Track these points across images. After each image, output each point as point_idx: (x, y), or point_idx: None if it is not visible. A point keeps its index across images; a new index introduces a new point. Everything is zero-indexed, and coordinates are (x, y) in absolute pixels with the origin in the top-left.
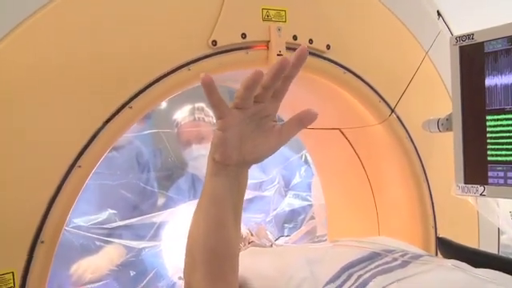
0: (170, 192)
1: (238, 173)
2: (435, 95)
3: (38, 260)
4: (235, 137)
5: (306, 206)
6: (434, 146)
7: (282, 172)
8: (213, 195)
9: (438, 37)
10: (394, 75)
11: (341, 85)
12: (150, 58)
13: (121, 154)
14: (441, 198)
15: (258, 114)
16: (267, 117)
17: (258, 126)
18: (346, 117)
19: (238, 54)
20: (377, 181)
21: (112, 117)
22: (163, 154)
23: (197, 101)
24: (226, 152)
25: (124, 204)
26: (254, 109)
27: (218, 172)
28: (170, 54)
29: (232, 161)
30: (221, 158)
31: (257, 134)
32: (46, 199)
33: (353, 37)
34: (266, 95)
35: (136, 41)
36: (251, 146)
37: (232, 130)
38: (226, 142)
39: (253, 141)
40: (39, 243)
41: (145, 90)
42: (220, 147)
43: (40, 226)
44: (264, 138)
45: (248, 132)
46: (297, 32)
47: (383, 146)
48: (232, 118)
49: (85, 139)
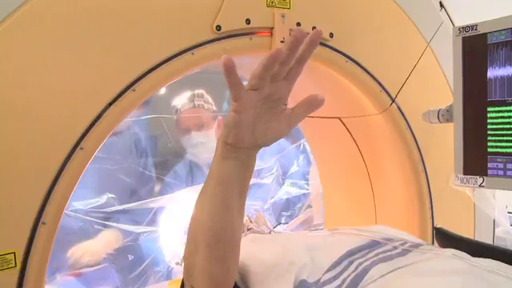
0: (168, 177)
1: (248, 156)
2: (436, 86)
3: (40, 241)
4: (249, 119)
5: (303, 194)
6: (433, 137)
7: (279, 160)
8: (221, 177)
9: (440, 28)
10: (396, 65)
11: (342, 73)
12: (154, 42)
13: (119, 138)
14: (439, 188)
15: (271, 97)
16: (279, 100)
17: (270, 108)
18: (346, 106)
19: (241, 39)
20: (375, 171)
21: (115, 99)
22: (161, 140)
23: (196, 87)
24: (239, 134)
25: (122, 188)
26: (269, 90)
27: (228, 155)
28: (174, 38)
29: (244, 143)
30: (234, 140)
31: (269, 117)
32: (48, 181)
33: (356, 26)
34: (281, 72)
35: (141, 24)
36: (263, 128)
37: (247, 113)
38: (241, 124)
39: (265, 123)
40: (41, 224)
41: (148, 74)
42: (234, 129)
43: (42, 208)
44: (276, 121)
45: (261, 114)
46: (300, 19)
47: (383, 136)
48: (248, 100)
49: (88, 121)
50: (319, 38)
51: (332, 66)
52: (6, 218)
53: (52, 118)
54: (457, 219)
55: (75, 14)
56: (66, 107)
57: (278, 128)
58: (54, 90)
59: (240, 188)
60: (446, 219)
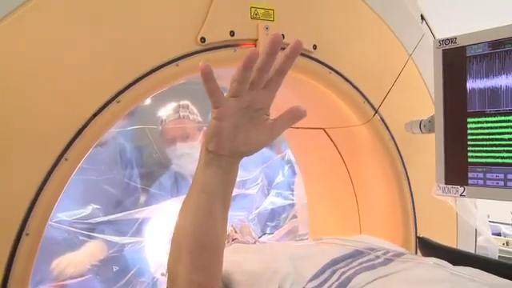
0: (153, 188)
1: (230, 164)
2: (418, 97)
3: (23, 252)
4: (230, 127)
5: (288, 204)
6: (415, 147)
7: (264, 171)
8: (204, 184)
9: (421, 40)
10: (379, 76)
11: (326, 85)
12: (138, 53)
13: (104, 149)
14: (421, 198)
15: (252, 106)
16: (261, 110)
17: (251, 118)
18: (330, 117)
19: (226, 51)
20: (359, 181)
21: (100, 110)
22: (146, 151)
23: (182, 98)
24: (220, 142)
25: (107, 199)
26: (249, 98)
27: (210, 162)
28: (158, 50)
29: (225, 151)
30: (215, 147)
31: (250, 126)
32: (32, 191)
33: (339, 38)
34: (260, 80)
35: (125, 35)
36: (244, 137)
37: (227, 120)
38: (221, 131)
39: (246, 132)
40: (24, 235)
41: (133, 85)
42: (215, 137)
43: (25, 218)
44: (257, 130)
45: (242, 123)
46: (284, 31)
47: (366, 147)
48: (228, 107)
49: (72, 132)
50: (300, 48)
51: (316, 78)
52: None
53: (37, 129)
54: (440, 228)
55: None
56: (50, 118)
57: (259, 138)
58: (39, 100)
59: (223, 195)
60: (429, 228)
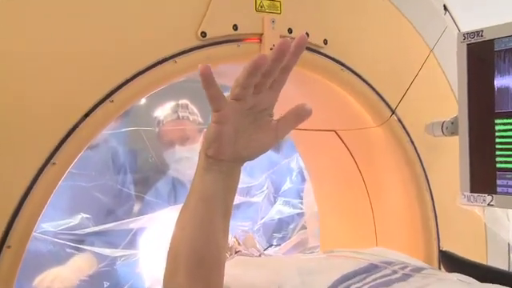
0: (148, 196)
1: (231, 169)
2: (440, 96)
3: (4, 267)
4: (231, 131)
5: (296, 214)
6: (437, 151)
7: (271, 177)
8: (202, 192)
9: (444, 33)
10: (396, 74)
11: (338, 83)
12: (133, 49)
13: (95, 153)
14: (445, 207)
15: (255, 108)
16: (264, 111)
17: (254, 120)
18: (342, 118)
19: (228, 46)
20: (375, 188)
21: (91, 110)
22: (141, 155)
23: (180, 97)
24: (220, 147)
25: (98, 208)
26: (252, 101)
27: (209, 168)
28: (155, 45)
29: (226, 156)
30: (215, 152)
31: (253, 129)
32: (15, 199)
33: (352, 31)
34: (264, 84)
35: (119, 30)
36: (247, 140)
37: (229, 124)
38: (222, 135)
39: (249, 136)
40: (5, 248)
41: (127, 83)
42: (215, 141)
43: (7, 230)
44: (260, 133)
45: (244, 126)
46: (292, 25)
47: (382, 150)
48: (229, 110)
49: (61, 134)
50: (304, 44)
51: (326, 75)
52: None
53: (22, 130)
54: (466, 242)
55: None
56: (36, 118)
57: (262, 140)
58: (24, 99)
59: (224, 203)
60: (454, 241)
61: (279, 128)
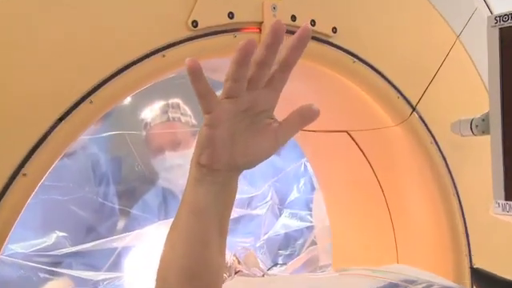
0: (135, 210)
1: (227, 180)
2: (468, 89)
3: None
4: (226, 135)
5: (305, 228)
6: (465, 153)
7: (275, 186)
8: (195, 206)
9: (472, 16)
10: (417, 65)
11: (349, 76)
12: (115, 42)
13: (73, 161)
14: (476, 218)
15: (252, 109)
16: (263, 112)
17: (252, 123)
18: (355, 117)
19: (223, 37)
20: (394, 196)
21: (68, 113)
22: (126, 163)
23: (171, 96)
24: (214, 153)
25: (76, 225)
26: (248, 99)
27: (202, 178)
28: (140, 38)
29: (221, 164)
30: (208, 160)
31: (251, 133)
32: None
33: (364, 17)
34: (260, 78)
35: (98, 20)
36: (244, 146)
37: (222, 127)
38: (215, 141)
39: (246, 141)
40: None
41: (109, 81)
42: (207, 147)
43: None
44: (259, 137)
45: (241, 130)
46: (296, 11)
47: (402, 153)
48: (222, 111)
49: (32, 141)
50: (308, 36)
51: (336, 68)
52: None
53: None
54: (501, 257)
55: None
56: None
57: (262, 146)
58: None
59: (219, 218)
60: (487, 257)
61: (280, 132)
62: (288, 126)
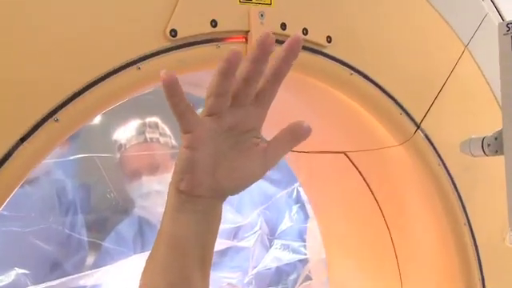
0: (107, 242)
1: (210, 207)
2: (478, 105)
3: None
4: (207, 157)
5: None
6: (477, 176)
7: (264, 214)
8: (173, 238)
9: (482, 23)
10: (421, 77)
11: (346, 91)
12: (84, 53)
13: (35, 188)
14: (490, 249)
15: (237, 127)
16: (249, 131)
17: (237, 143)
18: (353, 136)
19: (205, 48)
20: (398, 224)
21: (30, 133)
22: (96, 189)
23: (148, 114)
24: (195, 178)
25: (39, 260)
26: (232, 117)
27: (181, 206)
28: (112, 48)
29: (203, 190)
30: (188, 186)
31: (236, 155)
32: None
33: (362, 25)
34: (246, 93)
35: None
36: (228, 169)
37: (204, 148)
38: (196, 164)
39: (230, 163)
40: None
41: (77, 96)
42: (187, 172)
43: None
44: (245, 158)
45: (224, 151)
46: (286, 19)
47: (406, 176)
48: (203, 130)
49: None
50: (298, 46)
51: (331, 82)
52: None
53: None
54: None
55: None
56: None
57: (249, 169)
58: None
59: (201, 251)
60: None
61: (269, 153)
62: (278, 145)
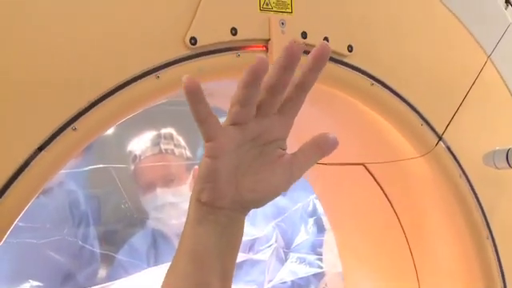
0: (120, 255)
1: (232, 220)
2: (502, 115)
3: None
4: (230, 167)
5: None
6: (501, 189)
7: (280, 227)
8: (194, 251)
9: (506, 33)
10: (443, 88)
11: (366, 101)
12: (103, 62)
13: (49, 199)
14: None
15: (261, 138)
16: (274, 142)
17: (261, 154)
18: (372, 147)
19: (225, 56)
20: (418, 239)
21: (48, 142)
22: (110, 201)
23: (163, 125)
24: (216, 189)
25: (52, 272)
26: (257, 127)
27: (203, 218)
28: (131, 57)
29: (225, 202)
30: (210, 197)
31: (260, 166)
32: None
33: (384, 34)
34: (272, 102)
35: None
36: (252, 181)
37: (226, 158)
38: (217, 173)
39: (254, 175)
40: None
41: (96, 105)
42: (209, 182)
43: None
44: (270, 170)
45: (248, 162)
46: (307, 27)
47: (427, 189)
48: (226, 139)
49: (7, 173)
50: (327, 54)
51: (352, 92)
52: None
53: None
54: None
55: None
56: None
57: (273, 181)
58: None
59: (222, 265)
60: None
61: (295, 165)
62: (303, 157)
